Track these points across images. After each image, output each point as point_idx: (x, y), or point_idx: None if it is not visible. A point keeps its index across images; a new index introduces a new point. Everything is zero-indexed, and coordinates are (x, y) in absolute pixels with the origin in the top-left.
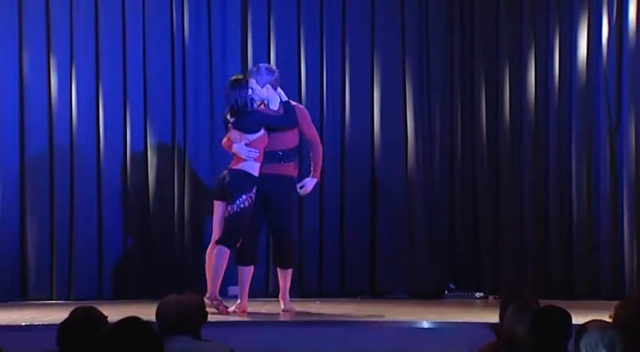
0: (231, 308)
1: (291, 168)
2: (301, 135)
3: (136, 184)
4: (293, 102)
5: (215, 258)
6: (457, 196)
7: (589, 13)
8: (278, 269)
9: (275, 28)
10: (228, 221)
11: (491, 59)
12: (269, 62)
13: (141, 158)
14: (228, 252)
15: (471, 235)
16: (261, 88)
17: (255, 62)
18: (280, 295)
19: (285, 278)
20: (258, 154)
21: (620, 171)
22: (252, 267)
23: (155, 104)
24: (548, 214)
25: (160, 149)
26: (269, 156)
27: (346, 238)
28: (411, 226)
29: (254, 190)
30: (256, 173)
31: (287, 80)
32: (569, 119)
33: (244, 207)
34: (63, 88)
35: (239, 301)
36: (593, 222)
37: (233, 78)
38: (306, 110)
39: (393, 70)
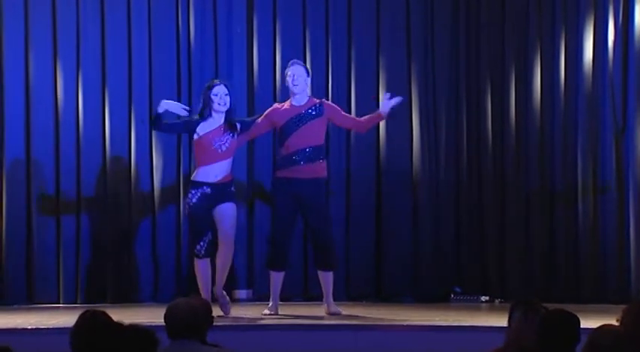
0: (265, 311)
1: (321, 169)
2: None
3: (142, 187)
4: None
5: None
6: (463, 199)
7: (595, 16)
8: (319, 272)
9: (281, 31)
10: None
11: (497, 62)
12: (274, 66)
13: (146, 161)
14: (198, 261)
15: (476, 239)
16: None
17: (261, 66)
18: (324, 299)
19: (326, 281)
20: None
21: (627, 175)
22: (282, 273)
23: None
24: (555, 217)
25: (166, 152)
26: (296, 156)
27: (351, 242)
28: (417, 230)
29: (193, 193)
30: (199, 178)
31: None
32: (575, 122)
33: (187, 212)
34: (69, 92)
35: (270, 304)
36: (599, 226)
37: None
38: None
39: (398, 74)
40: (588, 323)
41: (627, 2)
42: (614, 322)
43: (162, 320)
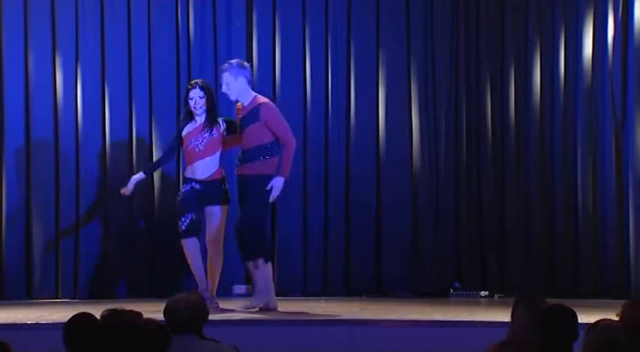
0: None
1: (262, 166)
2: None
3: (142, 182)
4: (261, 99)
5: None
6: (462, 195)
7: (595, 11)
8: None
9: (280, 27)
10: None
11: (496, 58)
12: (274, 62)
13: (147, 156)
14: (183, 241)
15: (476, 234)
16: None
17: (261, 61)
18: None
19: (252, 273)
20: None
21: (626, 171)
22: (268, 264)
23: (160, 102)
24: (554, 213)
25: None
26: (240, 155)
27: (351, 237)
28: (417, 225)
29: (184, 186)
30: (188, 174)
31: (292, 80)
32: (574, 118)
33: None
34: (68, 86)
35: (269, 297)
36: (598, 222)
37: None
38: (273, 106)
39: (397, 70)
40: (588, 318)
41: None
42: (613, 317)
43: (162, 316)
